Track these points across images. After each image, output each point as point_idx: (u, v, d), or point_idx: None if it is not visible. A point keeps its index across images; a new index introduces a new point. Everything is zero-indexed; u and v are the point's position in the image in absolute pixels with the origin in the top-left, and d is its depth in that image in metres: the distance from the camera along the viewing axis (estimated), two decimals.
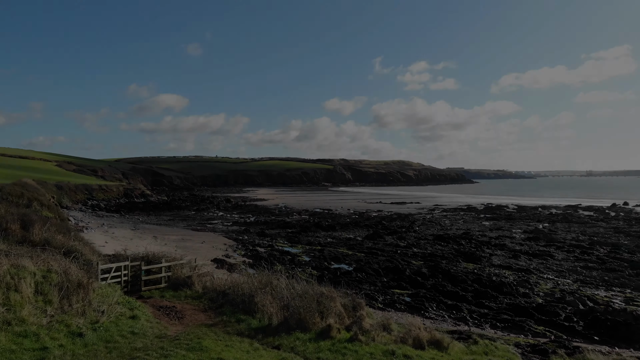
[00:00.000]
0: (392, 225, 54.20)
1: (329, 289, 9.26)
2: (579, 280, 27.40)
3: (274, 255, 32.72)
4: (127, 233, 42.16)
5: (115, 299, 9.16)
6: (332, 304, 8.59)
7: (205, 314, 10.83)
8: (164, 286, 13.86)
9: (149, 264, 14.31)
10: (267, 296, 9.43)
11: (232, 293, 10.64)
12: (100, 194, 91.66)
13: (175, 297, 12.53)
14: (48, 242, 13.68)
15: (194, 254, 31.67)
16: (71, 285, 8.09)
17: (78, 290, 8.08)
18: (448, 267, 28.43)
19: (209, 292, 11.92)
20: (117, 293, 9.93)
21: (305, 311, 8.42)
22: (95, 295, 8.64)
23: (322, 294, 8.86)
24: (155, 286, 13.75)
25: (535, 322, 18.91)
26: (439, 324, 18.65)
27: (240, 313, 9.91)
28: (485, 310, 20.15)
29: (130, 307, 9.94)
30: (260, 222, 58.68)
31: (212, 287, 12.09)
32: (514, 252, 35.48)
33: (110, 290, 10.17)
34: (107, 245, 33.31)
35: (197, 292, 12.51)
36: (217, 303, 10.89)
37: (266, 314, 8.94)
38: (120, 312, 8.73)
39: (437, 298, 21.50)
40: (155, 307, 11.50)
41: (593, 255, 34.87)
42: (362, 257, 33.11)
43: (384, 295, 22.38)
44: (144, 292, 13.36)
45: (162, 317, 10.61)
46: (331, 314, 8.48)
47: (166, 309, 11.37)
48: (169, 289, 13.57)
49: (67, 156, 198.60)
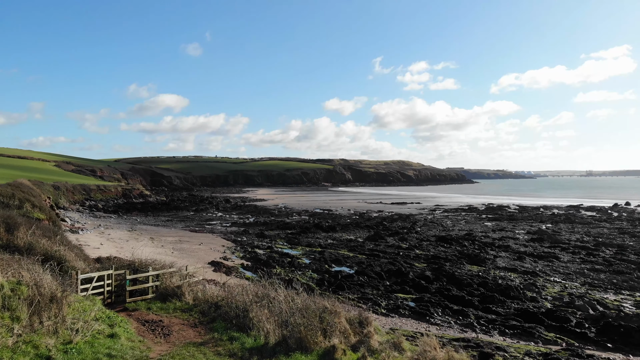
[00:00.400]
0: (393, 226, 53.38)
1: (333, 302, 8.39)
2: (587, 283, 26.63)
3: (273, 257, 31.91)
4: (124, 234, 41.34)
5: (93, 314, 8.17)
6: (337, 319, 7.74)
7: (194, 329, 9.85)
8: (152, 297, 12.80)
9: (136, 272, 13.30)
10: (263, 310, 8.49)
11: (226, 306, 9.67)
12: (98, 194, 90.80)
13: (163, 310, 11.52)
14: (32, 246, 12.80)
15: (190, 256, 30.90)
16: (43, 299, 7.17)
17: (50, 305, 7.17)
18: (452, 270, 27.63)
19: (200, 303, 10.92)
20: (96, 307, 8.91)
21: (307, 329, 7.54)
22: (70, 310, 7.71)
23: (324, 309, 7.99)
24: (141, 297, 12.73)
25: (545, 329, 18.14)
26: (445, 331, 17.87)
27: (233, 329, 8.92)
28: (492, 316, 19.35)
29: (110, 322, 8.98)
30: (260, 222, 57.87)
31: (204, 298, 11.15)
32: (519, 254, 34.69)
33: (88, 304, 9.17)
34: (102, 247, 32.53)
35: (187, 304, 11.52)
36: (209, 317, 9.88)
37: (262, 332, 8.00)
38: (97, 330, 7.71)
39: (443, 303, 20.70)
40: (140, 322, 10.59)
41: (599, 257, 34.11)
42: (364, 259, 32.30)
43: (387, 299, 21.58)
44: (129, 303, 12.36)
45: (147, 333, 9.69)
46: (335, 332, 7.59)
47: (152, 324, 10.42)
48: (156, 299, 12.50)
49: (66, 156, 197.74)
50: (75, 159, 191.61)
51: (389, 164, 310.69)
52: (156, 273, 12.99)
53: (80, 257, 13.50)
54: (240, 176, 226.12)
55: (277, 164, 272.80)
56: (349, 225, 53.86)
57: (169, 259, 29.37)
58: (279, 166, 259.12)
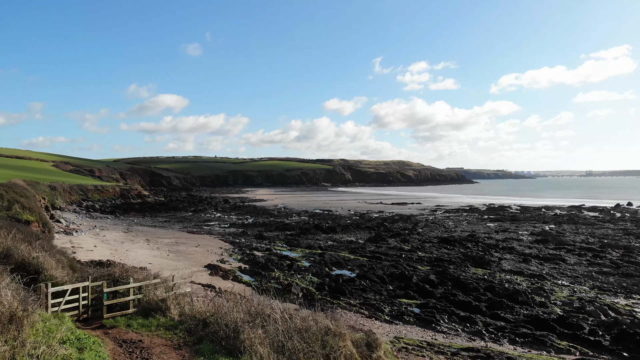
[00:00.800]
0: (394, 227, 52.49)
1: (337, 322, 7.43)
2: (596, 287, 25.78)
3: (272, 260, 31.01)
4: (119, 236, 40.42)
5: (60, 336, 7.15)
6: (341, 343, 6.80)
7: (178, 352, 8.64)
8: (133, 312, 11.51)
9: (115, 283, 11.95)
10: (257, 331, 7.39)
11: (215, 324, 8.47)
12: (95, 194, 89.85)
13: (145, 327, 10.29)
14: (10, 252, 11.81)
15: (186, 259, 30.00)
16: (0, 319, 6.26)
17: (8, 327, 6.17)
18: (457, 273, 26.75)
19: (186, 320, 9.85)
20: (64, 327, 7.69)
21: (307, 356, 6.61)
22: (32, 332, 6.60)
23: (327, 330, 7.01)
24: (121, 312, 11.48)
25: (557, 336, 17.25)
26: (452, 339, 16.99)
27: (222, 354, 7.63)
28: (502, 323, 18.46)
29: (80, 345, 7.69)
30: (259, 223, 56.95)
31: (191, 314, 10.01)
32: (524, 256, 33.83)
33: (55, 324, 7.87)
34: (96, 249, 31.62)
35: (172, 320, 10.28)
36: (195, 336, 8.66)
37: (255, 357, 6.99)
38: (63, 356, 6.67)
39: (449, 309, 19.80)
40: (118, 342, 9.37)
41: (606, 259, 33.29)
42: (365, 262, 31.41)
43: (391, 305, 20.67)
44: (107, 319, 11.16)
45: (123, 357, 8.51)
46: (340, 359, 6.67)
47: (130, 345, 9.19)
48: (138, 315, 11.21)
49: (64, 156, 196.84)
50: (73, 159, 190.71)
51: (388, 164, 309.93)
52: (138, 285, 11.74)
53: (63, 264, 12.47)
54: (239, 176, 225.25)
55: (277, 164, 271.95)
56: (349, 226, 52.96)
57: (164, 261, 28.51)
58: (278, 166, 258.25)
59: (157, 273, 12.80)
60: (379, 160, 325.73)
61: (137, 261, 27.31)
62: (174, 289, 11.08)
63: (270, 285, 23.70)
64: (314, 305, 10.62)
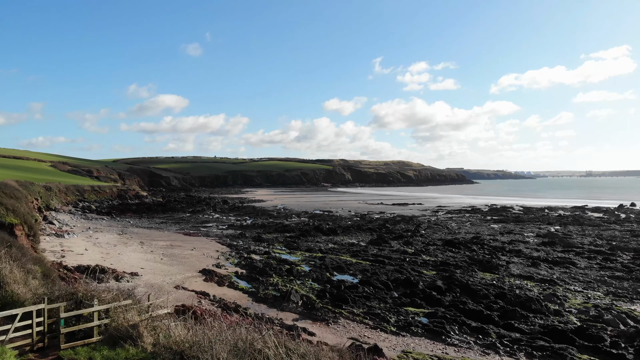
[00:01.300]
0: (396, 228, 51.22)
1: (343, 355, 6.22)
2: (611, 293, 24.57)
3: (271, 264, 29.73)
4: (112, 238, 39.10)
5: None
6: None
7: None
8: (98, 340, 9.69)
9: (78, 305, 10.07)
10: None
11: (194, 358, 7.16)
12: (92, 195, 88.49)
13: None
14: None
15: (181, 263, 28.69)
16: None
17: None
18: (465, 279, 25.45)
19: (160, 352, 8.05)
20: None
21: None
22: None
23: None
24: (83, 340, 9.65)
25: (577, 350, 16.00)
26: (464, 353, 15.73)
27: None
28: (516, 335, 17.18)
29: None
30: (258, 225, 55.68)
31: (167, 344, 8.25)
32: (532, 260, 32.59)
33: None
34: (86, 253, 30.33)
35: (144, 352, 8.45)
36: None
37: None
38: None
39: (459, 319, 18.52)
40: None
41: (617, 262, 32.11)
42: (368, 266, 30.14)
43: (397, 315, 19.39)
44: (65, 350, 9.31)
45: None
46: None
47: None
48: (103, 344, 9.37)
49: (63, 156, 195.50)
50: (72, 159, 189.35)
51: (388, 164, 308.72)
52: (104, 307, 9.93)
53: (34, 276, 11.19)
54: (239, 176, 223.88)
55: (277, 164, 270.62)
56: (350, 227, 51.69)
57: (156, 266, 27.20)
58: (278, 166, 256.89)
59: (131, 289, 11.35)
60: (379, 161, 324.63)
61: (128, 265, 26.06)
62: (149, 310, 9.56)
63: (268, 293, 22.42)
64: (314, 315, 9.34)
